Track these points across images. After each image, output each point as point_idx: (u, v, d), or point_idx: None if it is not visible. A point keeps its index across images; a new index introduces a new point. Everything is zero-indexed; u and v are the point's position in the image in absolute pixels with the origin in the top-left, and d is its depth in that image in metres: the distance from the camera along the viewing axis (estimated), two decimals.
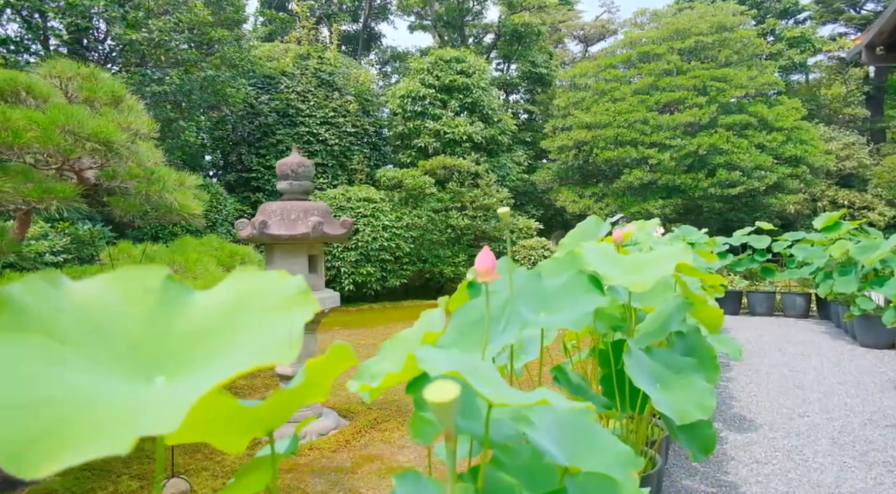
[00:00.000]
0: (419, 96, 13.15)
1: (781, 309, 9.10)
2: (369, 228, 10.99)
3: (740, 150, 12.68)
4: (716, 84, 13.25)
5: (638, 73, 14.45)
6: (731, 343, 3.52)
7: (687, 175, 12.81)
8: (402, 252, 11.43)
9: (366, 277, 10.94)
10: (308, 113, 11.84)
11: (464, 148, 13.12)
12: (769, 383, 4.94)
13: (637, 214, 12.82)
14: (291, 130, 11.61)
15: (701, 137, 12.84)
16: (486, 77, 13.73)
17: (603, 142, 13.41)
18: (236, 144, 11.63)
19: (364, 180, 12.60)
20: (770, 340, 6.95)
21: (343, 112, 12.33)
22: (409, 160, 13.45)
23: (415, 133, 13.21)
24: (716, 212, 13.76)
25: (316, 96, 12.08)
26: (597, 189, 13.79)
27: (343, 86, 12.56)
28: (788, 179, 12.95)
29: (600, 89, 14.65)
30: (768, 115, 13.20)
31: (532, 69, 16.98)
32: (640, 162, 13.23)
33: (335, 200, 11.06)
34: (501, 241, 12.80)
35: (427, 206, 11.93)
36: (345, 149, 12.30)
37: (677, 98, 13.32)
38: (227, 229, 9.50)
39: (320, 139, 11.92)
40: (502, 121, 14.23)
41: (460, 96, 13.36)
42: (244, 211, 10.77)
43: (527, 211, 17.03)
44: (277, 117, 11.53)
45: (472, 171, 12.63)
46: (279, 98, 11.40)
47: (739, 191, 12.39)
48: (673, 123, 12.94)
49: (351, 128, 12.32)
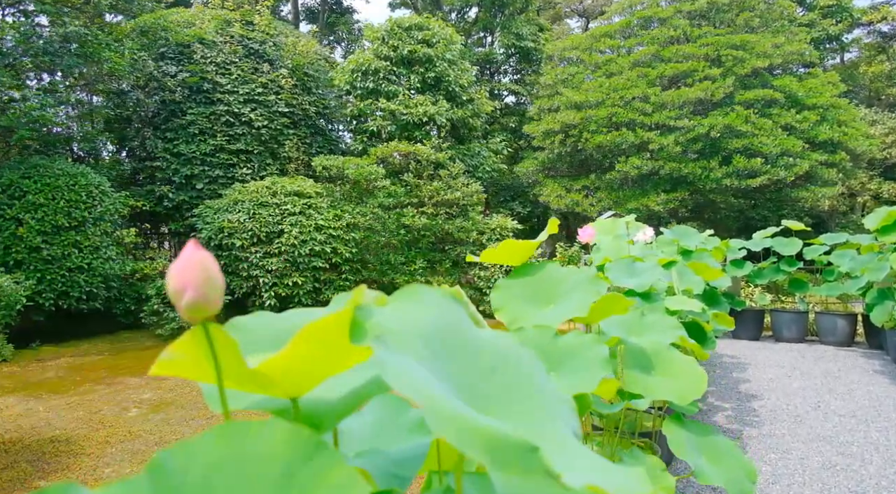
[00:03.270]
0: (371, 70, 11.43)
1: (815, 333, 7.38)
2: (297, 229, 9.26)
3: (763, 132, 10.81)
4: (733, 52, 11.39)
5: (638, 43, 12.62)
6: (730, 457, 1.86)
7: (696, 163, 10.96)
8: (341, 258, 9.69)
9: (293, 289, 9.21)
10: (229, 88, 10.17)
11: (424, 132, 11.36)
12: (805, 477, 3.10)
13: (635, 211, 10.97)
14: (207, 109, 9.95)
15: (714, 117, 10.98)
16: (453, 48, 11.98)
17: (594, 125, 11.60)
18: (139, 126, 9.97)
19: (301, 170, 10.88)
20: (803, 387, 5.10)
21: (275, 88, 10.63)
22: (362, 147, 11.73)
23: (366, 114, 11.49)
24: (733, 208, 11.87)
25: (241, 69, 10.41)
26: (587, 181, 11.99)
27: (276, 57, 10.86)
28: (823, 168, 11.06)
29: (594, 63, 12.84)
30: (798, 90, 11.32)
31: (516, 43, 15.21)
32: (639, 148, 11.40)
33: (257, 195, 9.35)
34: (469, 245, 11.01)
35: (374, 202, 10.17)
36: (276, 133, 10.60)
37: (685, 70, 11.49)
38: (103, 230, 7.80)
39: (244, 120, 10.24)
40: (475, 101, 12.45)
41: (421, 70, 11.61)
42: (139, 208, 9.08)
43: (511, 208, 15.25)
44: (189, 93, 9.84)
45: (433, 160, 10.86)
46: (191, 69, 9.72)
47: (761, 182, 10.52)
48: (679, 100, 11.10)
49: (284, 108, 10.61)
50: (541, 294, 1.92)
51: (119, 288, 8.26)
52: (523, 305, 1.87)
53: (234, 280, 9.13)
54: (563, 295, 1.96)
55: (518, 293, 1.92)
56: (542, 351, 1.44)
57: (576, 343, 1.45)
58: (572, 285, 1.93)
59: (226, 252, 9.06)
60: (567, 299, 1.94)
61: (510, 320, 1.82)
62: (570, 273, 1.90)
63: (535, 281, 1.95)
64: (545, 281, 1.93)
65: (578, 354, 1.41)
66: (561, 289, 1.92)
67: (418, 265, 10.55)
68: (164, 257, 9.08)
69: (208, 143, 9.89)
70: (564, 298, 2.00)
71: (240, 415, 2.38)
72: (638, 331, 2.45)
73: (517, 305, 1.87)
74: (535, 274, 1.99)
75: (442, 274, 10.97)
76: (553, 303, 2.00)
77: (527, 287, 1.93)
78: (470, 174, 12.13)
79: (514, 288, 1.94)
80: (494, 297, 1.91)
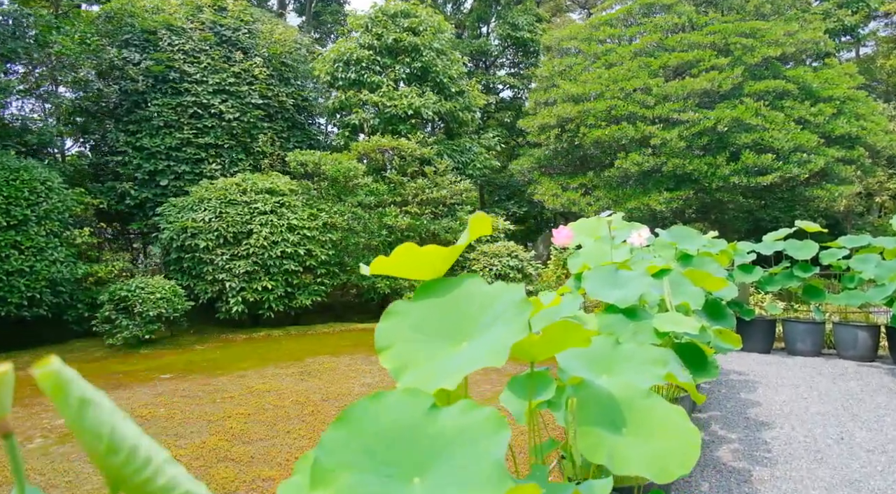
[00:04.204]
0: (354, 59, 10.86)
1: (833, 345, 6.81)
2: (268, 229, 8.69)
3: (774, 126, 10.19)
4: (742, 40, 10.79)
5: (641, 31, 12.00)
6: None
7: (701, 159, 10.35)
8: (317, 260, 9.12)
9: (262, 294, 8.64)
10: (198, 78, 9.61)
11: (409, 126, 10.78)
12: None
13: (635, 211, 10.36)
14: (173, 100, 9.40)
15: (721, 109, 10.36)
16: (442, 37, 11.40)
17: (592, 119, 10.99)
18: (101, 118, 9.42)
19: (277, 166, 10.32)
20: (822, 412, 4.49)
21: (248, 78, 10.07)
22: (344, 142, 11.17)
23: (348, 107, 10.92)
24: (742, 209, 11.24)
25: (211, 57, 9.86)
26: (585, 179, 11.37)
27: (250, 45, 10.30)
28: (840, 165, 10.42)
29: (592, 53, 12.23)
30: (813, 81, 10.68)
31: (512, 33, 14.62)
32: (640, 143, 10.79)
33: (225, 192, 8.80)
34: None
35: (353, 201, 9.59)
36: (249, 127, 10.04)
37: (690, 59, 10.87)
38: (49, 229, 7.24)
39: (213, 112, 9.68)
40: (466, 93, 11.86)
41: (407, 60, 11.04)
42: (96, 206, 8.52)
43: (506, 208, 14.66)
44: (153, 82, 9.29)
45: (418, 155, 10.28)
46: (157, 58, 9.16)
47: (773, 179, 9.89)
48: (683, 92, 10.49)
49: (258, 99, 10.05)
50: (451, 324, 1.33)
51: (70, 293, 7.69)
52: (422, 343, 1.28)
53: (199, 284, 8.57)
54: (484, 327, 1.35)
55: (418, 323, 1.33)
56: (405, 438, 0.85)
57: (462, 426, 0.85)
58: (500, 312, 1.33)
59: (189, 254, 8.50)
60: (487, 333, 1.33)
61: (398, 367, 1.23)
62: (498, 293, 1.31)
63: (447, 306, 1.36)
64: (461, 305, 1.35)
65: (461, 448, 0.81)
66: (482, 318, 1.32)
67: None
68: (124, 259, 8.52)
69: (174, 137, 9.34)
70: (484, 332, 1.39)
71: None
72: (609, 367, 1.85)
73: (413, 343, 1.28)
74: (448, 293, 1.39)
75: None
76: (468, 339, 1.39)
77: (433, 313, 1.34)
78: (459, 171, 11.55)
79: (413, 315, 1.34)
80: (381, 330, 1.32)
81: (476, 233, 1.45)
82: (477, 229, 1.44)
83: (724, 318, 4.09)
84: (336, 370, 6.13)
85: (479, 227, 1.44)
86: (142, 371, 6.04)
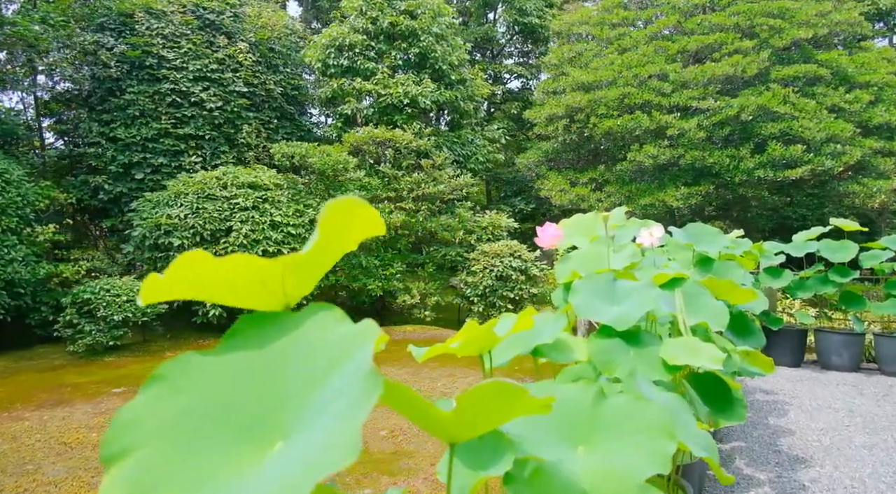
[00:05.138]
0: (347, 45, 10.30)
1: (874, 359, 6.13)
2: (248, 226, 8.17)
3: (804, 115, 9.45)
4: (769, 21, 10.05)
5: (657, 13, 11.29)
6: None
7: (723, 151, 9.64)
8: None
9: None
10: (178, 64, 9.13)
11: (405, 116, 10.20)
12: None
13: (649, 207, 9.68)
14: (150, 88, 8.92)
15: (745, 96, 9.64)
16: (441, 21, 10.80)
17: (603, 108, 10.33)
18: (75, 106, 8.98)
19: (264, 159, 9.81)
20: (870, 444, 3.85)
21: (233, 64, 9.56)
22: (337, 133, 10.64)
23: (341, 96, 10.37)
24: (766, 205, 10.48)
25: (192, 42, 9.37)
26: (595, 173, 10.72)
27: (235, 30, 9.80)
28: (878, 157, 9.62)
29: (605, 38, 11.55)
30: (848, 66, 9.90)
31: (519, 19, 13.97)
32: (655, 134, 10.10)
33: (204, 187, 8.30)
34: (456, 246, 9.82)
35: (343, 196, 9.03)
36: (233, 116, 9.54)
37: (711, 43, 10.16)
38: (6, 226, 6.78)
39: (194, 101, 9.19)
40: (467, 82, 11.25)
41: (404, 46, 10.45)
42: (65, 201, 8.06)
43: (513, 205, 14.04)
44: (129, 69, 8.82)
45: (414, 148, 9.69)
46: (133, 42, 8.69)
47: (802, 173, 9.16)
48: (704, 78, 9.78)
49: (243, 87, 9.54)
50: (261, 405, 0.70)
51: (33, 295, 7.25)
52: (196, 446, 0.65)
53: None
54: (313, 414, 0.69)
55: (200, 402, 0.70)
56: None
57: None
58: (338, 389, 0.68)
59: (162, 253, 8.02)
60: (313, 428, 0.67)
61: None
62: (344, 351, 0.70)
63: (262, 367, 0.72)
64: (285, 368, 0.72)
65: None
66: (313, 396, 0.69)
67: (396, 268, 9.40)
68: (92, 258, 8.06)
69: (151, 127, 8.87)
70: (312, 424, 0.69)
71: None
72: (588, 435, 1.24)
73: (176, 446, 0.66)
74: (272, 342, 0.76)
75: (423, 280, 9.81)
76: (284, 437, 0.70)
77: (232, 383, 0.71)
78: (460, 165, 10.95)
79: (196, 385, 0.71)
80: (121, 419, 0.69)
81: (336, 227, 0.84)
82: (337, 221, 0.83)
83: (751, 335, 3.45)
84: None
85: (341, 218, 0.83)
86: (94, 383, 5.55)
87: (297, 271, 0.83)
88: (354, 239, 0.85)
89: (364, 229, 0.83)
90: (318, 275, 0.88)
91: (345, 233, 0.83)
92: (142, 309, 7.22)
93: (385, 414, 4.49)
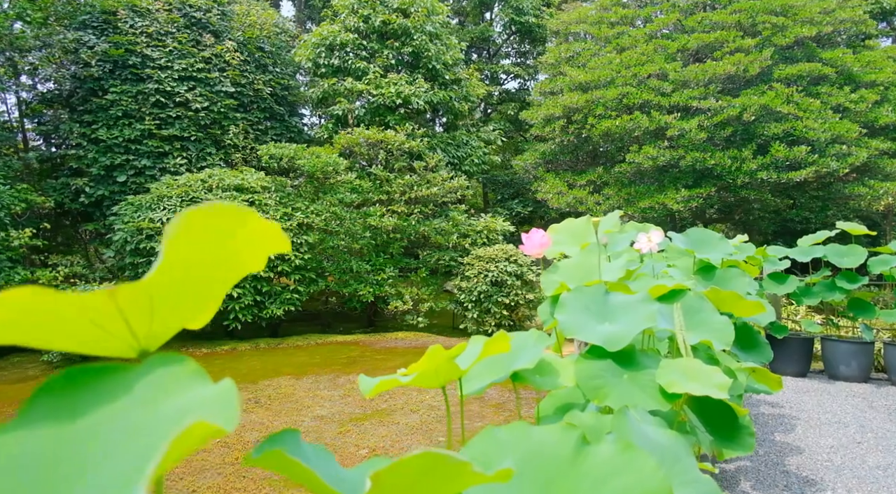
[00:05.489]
0: (338, 44, 10.10)
1: (884, 369, 5.90)
2: None
3: (808, 115, 9.23)
4: (771, 19, 9.84)
5: (656, 11, 11.10)
6: None
7: (724, 152, 9.42)
8: (290, 265, 8.37)
9: (227, 304, 7.90)
10: (162, 63, 8.91)
11: (398, 116, 9.99)
12: None
13: (649, 211, 9.45)
14: (133, 87, 8.71)
15: (747, 96, 9.44)
16: (435, 19, 10.60)
17: (601, 108, 10.11)
18: (56, 107, 8.76)
19: (252, 161, 9.59)
20: (885, 465, 3.64)
21: (220, 64, 9.35)
22: (328, 135, 10.43)
23: (332, 96, 10.16)
24: (769, 208, 10.26)
25: (178, 40, 9.15)
26: (593, 175, 10.49)
27: (223, 28, 9.59)
28: (884, 158, 9.40)
29: (603, 36, 11.34)
30: (853, 65, 9.69)
31: (516, 18, 13.77)
32: (655, 134, 9.89)
33: (188, 189, 8.07)
34: (449, 250, 9.59)
35: (332, 199, 8.82)
36: (220, 117, 9.32)
37: (712, 41, 9.95)
38: None
39: (179, 101, 8.97)
40: (462, 82, 11.04)
41: (396, 45, 10.25)
42: (41, 205, 7.83)
43: (510, 208, 13.82)
44: (111, 68, 8.60)
45: (406, 149, 9.47)
46: (115, 41, 8.47)
47: (807, 175, 8.94)
48: (704, 77, 9.57)
49: (230, 87, 9.32)
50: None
51: None
52: None
53: None
54: None
55: None
56: None
57: None
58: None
59: (144, 258, 7.78)
60: None
61: None
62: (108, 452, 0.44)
63: (52, 461, 0.49)
64: (79, 468, 0.48)
65: None
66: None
67: (388, 274, 9.17)
68: (71, 264, 7.82)
69: (134, 128, 8.65)
70: None
71: None
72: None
73: None
74: (76, 421, 0.52)
75: (416, 285, 9.58)
76: None
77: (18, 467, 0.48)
78: (455, 167, 10.73)
79: None
80: None
81: (199, 245, 0.61)
82: (199, 237, 0.60)
83: (757, 349, 3.23)
84: (291, 396, 5.34)
85: (205, 233, 0.60)
86: None
87: (143, 306, 0.59)
88: (242, 261, 0.62)
89: (255, 245, 0.60)
90: (196, 309, 0.64)
91: (218, 251, 0.59)
92: None
93: (364, 433, 4.26)
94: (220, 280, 0.61)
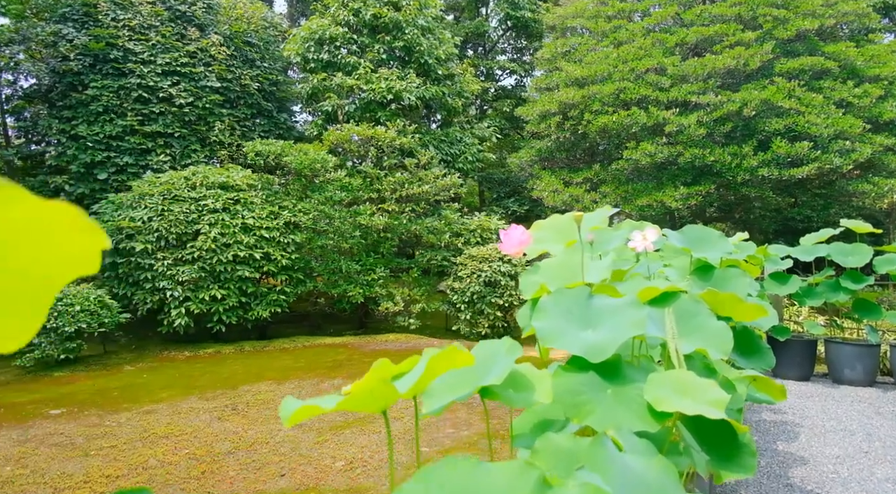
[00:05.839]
0: (327, 38, 9.88)
1: (890, 372, 5.80)
2: (217, 229, 7.73)
3: (811, 110, 9.04)
4: (772, 12, 9.65)
5: (654, 4, 10.89)
6: None
7: (724, 149, 9.22)
8: (277, 265, 8.16)
9: (211, 305, 7.69)
10: (145, 57, 8.69)
11: (388, 113, 9.78)
12: None
13: (647, 209, 9.25)
14: (115, 82, 8.49)
15: (748, 91, 9.24)
16: (427, 13, 10.39)
17: (598, 104, 9.91)
18: (37, 102, 8.53)
19: (239, 158, 9.38)
20: (893, 476, 3.45)
21: (205, 58, 9.13)
22: (318, 131, 10.22)
23: (321, 92, 9.95)
24: (770, 206, 10.06)
25: (161, 34, 8.93)
26: (590, 173, 10.28)
27: (208, 21, 9.37)
28: (889, 155, 9.20)
29: (600, 30, 11.14)
30: (857, 59, 9.49)
31: (512, 12, 13.57)
32: (653, 130, 9.68)
33: (171, 187, 7.87)
34: (442, 249, 9.38)
35: (321, 197, 8.61)
36: (205, 113, 9.10)
37: (711, 35, 9.76)
38: None
39: (162, 96, 8.75)
40: (456, 78, 10.83)
41: (388, 39, 10.04)
42: None
43: (506, 206, 13.62)
44: (92, 62, 8.38)
45: (397, 146, 9.26)
46: (96, 34, 8.25)
47: (809, 171, 8.74)
48: (704, 71, 9.37)
49: (216, 82, 9.11)
50: None
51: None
52: None
53: (137, 293, 7.63)
54: None
55: None
56: None
57: None
58: None
59: (124, 258, 7.57)
60: None
61: None
62: None
63: None
64: None
65: None
66: None
67: (378, 274, 8.96)
68: None
69: (115, 124, 8.43)
70: None
71: None
72: None
73: None
74: None
75: (408, 286, 9.37)
76: None
77: None
78: (448, 164, 10.52)
79: None
80: None
81: None
82: None
83: (758, 354, 3.00)
84: (271, 402, 5.13)
85: None
86: (32, 403, 5.09)
87: None
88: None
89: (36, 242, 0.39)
90: None
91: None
92: (99, 319, 6.77)
93: (343, 443, 4.05)
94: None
